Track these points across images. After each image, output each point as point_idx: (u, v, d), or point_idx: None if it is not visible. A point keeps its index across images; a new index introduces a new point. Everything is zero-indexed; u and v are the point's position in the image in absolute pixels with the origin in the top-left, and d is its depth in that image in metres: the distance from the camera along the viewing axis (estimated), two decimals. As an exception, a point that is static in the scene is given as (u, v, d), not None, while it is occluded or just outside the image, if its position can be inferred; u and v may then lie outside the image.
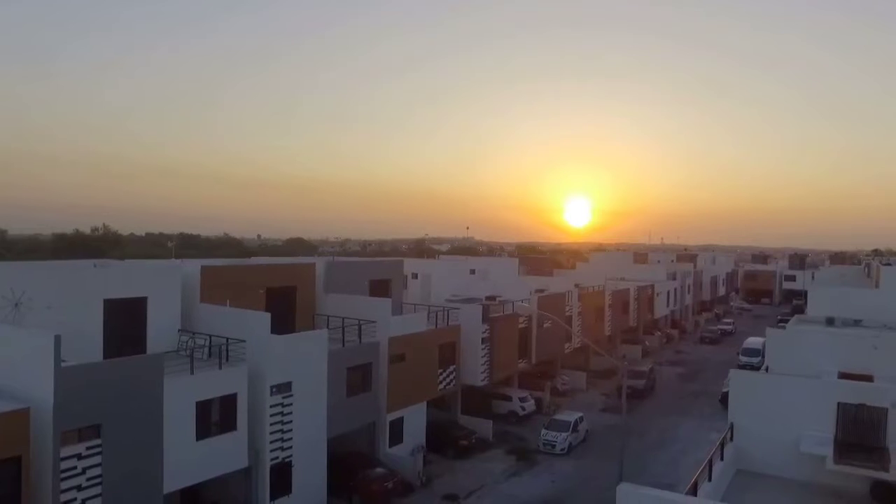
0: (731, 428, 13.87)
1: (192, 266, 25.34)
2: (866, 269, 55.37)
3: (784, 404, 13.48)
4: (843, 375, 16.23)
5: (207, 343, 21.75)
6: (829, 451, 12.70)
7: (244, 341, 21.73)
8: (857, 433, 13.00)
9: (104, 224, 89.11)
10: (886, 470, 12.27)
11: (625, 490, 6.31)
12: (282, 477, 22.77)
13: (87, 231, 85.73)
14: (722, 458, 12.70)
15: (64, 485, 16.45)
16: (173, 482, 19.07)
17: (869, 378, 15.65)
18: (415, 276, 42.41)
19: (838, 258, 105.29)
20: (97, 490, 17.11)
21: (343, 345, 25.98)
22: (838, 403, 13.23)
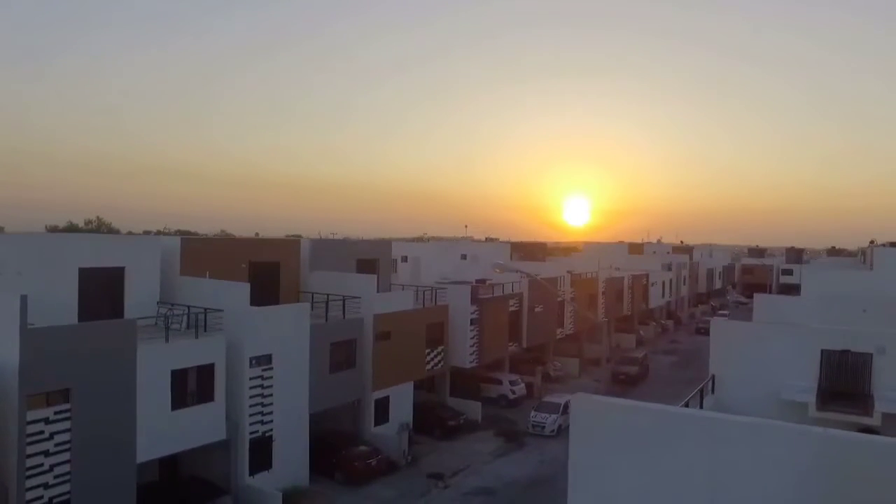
0: (713, 380, 13.46)
1: (173, 240, 24.91)
2: (862, 257, 54.90)
3: (767, 353, 13.05)
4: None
5: (186, 314, 21.32)
6: (811, 398, 12.30)
7: (222, 311, 21.31)
8: (841, 380, 12.57)
9: (98, 217, 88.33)
10: (870, 415, 11.87)
11: (579, 399, 5.91)
12: (262, 451, 22.33)
13: (81, 224, 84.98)
14: (701, 408, 12.28)
15: (30, 449, 16.02)
16: (148, 451, 18.65)
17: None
18: (404, 259, 41.94)
19: (835, 253, 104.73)
20: (66, 456, 16.68)
21: (326, 320, 25.56)
22: (822, 350, 12.82)
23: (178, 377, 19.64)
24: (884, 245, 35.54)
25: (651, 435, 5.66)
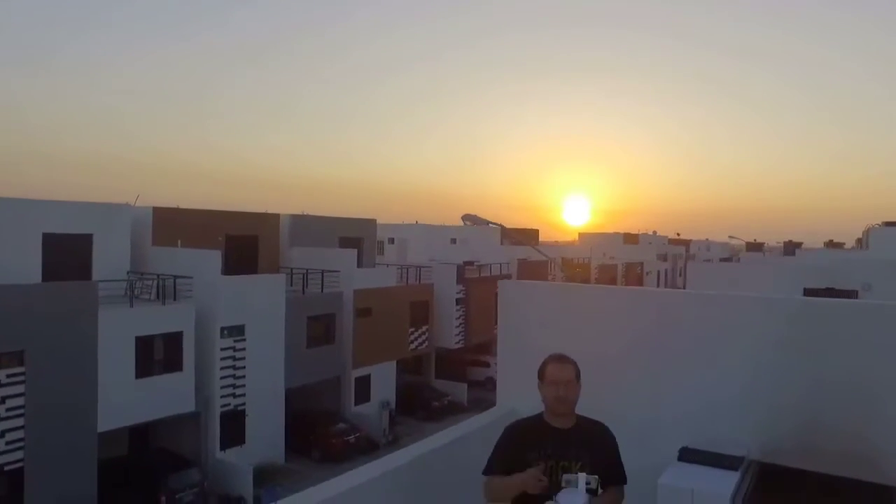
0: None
1: (145, 210, 24.14)
2: (858, 245, 54.28)
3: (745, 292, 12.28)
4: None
5: (156, 280, 20.62)
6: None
7: (191, 277, 20.58)
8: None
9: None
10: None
11: (504, 283, 5.33)
12: (234, 425, 21.64)
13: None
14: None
15: (-20, 412, 15.33)
16: (110, 420, 17.89)
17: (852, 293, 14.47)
18: (391, 241, 41.16)
19: (833, 246, 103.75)
20: (19, 422, 15.98)
21: (303, 293, 24.86)
22: (804, 289, 12.10)
23: (143, 344, 18.96)
24: (877, 225, 34.86)
25: (585, 311, 5.04)
